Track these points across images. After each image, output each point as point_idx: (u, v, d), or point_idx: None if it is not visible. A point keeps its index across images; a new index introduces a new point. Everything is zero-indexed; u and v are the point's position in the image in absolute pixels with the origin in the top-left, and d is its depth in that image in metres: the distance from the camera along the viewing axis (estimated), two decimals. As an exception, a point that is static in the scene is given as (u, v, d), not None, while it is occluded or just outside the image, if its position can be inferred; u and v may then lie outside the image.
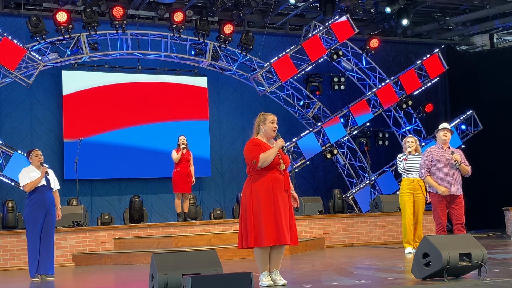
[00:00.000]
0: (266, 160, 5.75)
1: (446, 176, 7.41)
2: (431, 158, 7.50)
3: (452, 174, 7.41)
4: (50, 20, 12.47)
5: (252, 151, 5.79)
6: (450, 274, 5.62)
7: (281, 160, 5.83)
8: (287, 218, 5.75)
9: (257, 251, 5.76)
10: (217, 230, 10.89)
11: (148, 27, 14.01)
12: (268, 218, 5.67)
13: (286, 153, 5.92)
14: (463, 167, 7.43)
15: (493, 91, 15.85)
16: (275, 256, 5.80)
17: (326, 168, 15.61)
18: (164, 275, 4.99)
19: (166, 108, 14.17)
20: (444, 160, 7.43)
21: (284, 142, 5.90)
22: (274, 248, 5.79)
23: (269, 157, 5.75)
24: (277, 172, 5.83)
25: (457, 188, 7.45)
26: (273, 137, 5.91)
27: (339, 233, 11.79)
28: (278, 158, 5.83)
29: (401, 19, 14.65)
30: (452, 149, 7.56)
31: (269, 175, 5.79)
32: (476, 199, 15.90)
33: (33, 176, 7.88)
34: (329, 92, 15.70)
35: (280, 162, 5.82)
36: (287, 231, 5.69)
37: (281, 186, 5.81)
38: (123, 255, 9.69)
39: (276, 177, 5.81)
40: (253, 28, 14.95)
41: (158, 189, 14.09)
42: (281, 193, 5.79)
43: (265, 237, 5.64)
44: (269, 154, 5.77)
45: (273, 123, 5.91)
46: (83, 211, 10.80)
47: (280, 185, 5.81)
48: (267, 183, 5.76)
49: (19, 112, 13.25)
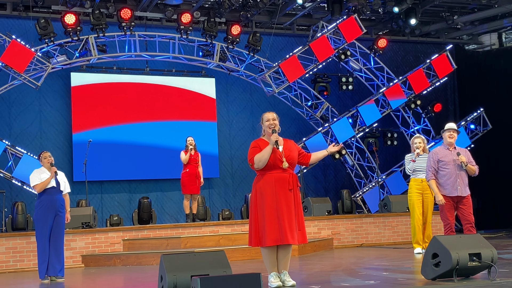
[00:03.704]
0: (260, 161, 5.75)
1: (452, 177, 7.38)
2: (437, 159, 7.46)
3: (459, 175, 7.37)
4: (58, 23, 12.53)
5: (250, 153, 5.83)
6: (459, 275, 5.60)
7: (284, 159, 5.75)
8: (291, 218, 5.68)
9: (263, 251, 5.77)
10: (226, 231, 10.90)
11: (156, 29, 14.04)
12: (270, 218, 5.67)
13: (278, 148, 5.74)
14: (469, 167, 7.39)
15: (502, 90, 15.78)
16: (282, 256, 5.78)
17: (337, 168, 15.58)
18: (173, 276, 5.00)
19: (174, 109, 14.21)
20: (450, 162, 7.40)
21: (278, 137, 5.77)
22: (280, 249, 5.76)
23: (262, 157, 5.74)
24: (280, 171, 5.76)
25: (463, 190, 7.41)
26: (271, 134, 5.85)
27: (347, 233, 11.77)
28: (278, 157, 5.74)
29: (409, 19, 14.61)
30: (459, 149, 7.51)
31: (272, 174, 5.76)
32: (486, 199, 15.83)
33: (43, 177, 7.93)
34: (337, 92, 15.68)
35: (283, 160, 5.74)
36: (289, 231, 5.62)
37: (285, 185, 5.73)
38: (132, 256, 9.72)
39: (279, 176, 5.76)
40: (261, 29, 14.95)
41: (168, 190, 14.11)
42: (284, 192, 5.73)
43: (267, 237, 5.64)
44: (262, 154, 5.75)
45: (269, 121, 5.88)
46: (92, 212, 10.85)
47: (283, 184, 5.74)
48: (270, 183, 5.74)
49: (29, 114, 13.32)
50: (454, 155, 7.39)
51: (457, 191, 7.35)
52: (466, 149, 7.67)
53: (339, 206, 13.59)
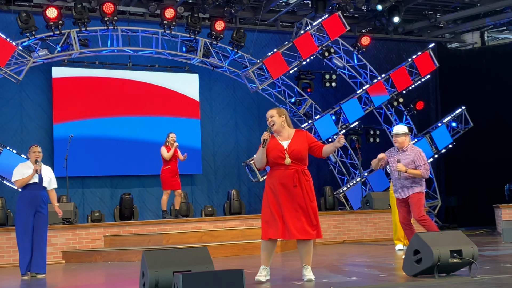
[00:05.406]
0: (257, 161, 5.92)
1: (394, 179, 7.57)
2: (386, 159, 7.55)
3: (397, 179, 7.44)
4: (40, 16, 12.38)
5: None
6: (441, 271, 5.64)
7: (287, 155, 5.77)
8: (295, 214, 5.72)
9: (261, 243, 5.90)
10: (208, 227, 10.87)
11: (139, 24, 13.93)
12: (269, 213, 5.79)
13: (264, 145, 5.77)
14: (411, 173, 7.35)
15: (484, 88, 15.91)
16: (300, 251, 5.88)
17: (320, 165, 15.61)
18: (155, 272, 4.97)
19: (157, 106, 14.16)
20: (393, 165, 7.49)
21: (267, 135, 5.80)
22: (299, 244, 5.86)
23: (257, 158, 5.90)
24: (282, 168, 5.80)
25: (400, 193, 7.46)
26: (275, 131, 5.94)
27: (330, 230, 11.80)
28: (279, 154, 5.78)
29: (393, 17, 14.67)
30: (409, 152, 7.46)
31: (276, 171, 5.84)
32: (466, 197, 15.98)
33: (26, 172, 7.83)
34: (320, 89, 15.70)
35: (285, 157, 5.76)
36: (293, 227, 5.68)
37: (288, 182, 5.75)
38: (114, 253, 9.65)
39: (282, 174, 5.80)
40: (245, 25, 14.91)
41: (150, 186, 14.04)
42: (287, 189, 5.76)
43: (263, 231, 5.81)
44: (256, 155, 5.93)
45: (268, 119, 5.96)
46: (73, 208, 10.76)
47: (286, 181, 5.76)
48: (273, 180, 5.83)
49: (9, 109, 13.17)
50: (400, 157, 7.44)
51: (397, 194, 7.52)
52: (417, 151, 7.53)
53: (321, 202, 13.63)
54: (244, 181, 14.91)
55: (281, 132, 5.92)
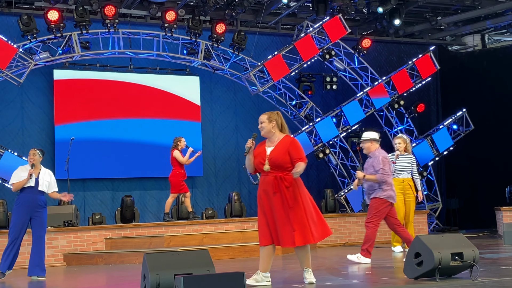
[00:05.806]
0: (247, 167, 5.96)
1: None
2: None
3: (365, 184, 7.79)
4: (41, 19, 12.40)
5: None
6: (442, 274, 5.64)
7: (267, 161, 5.70)
8: (277, 221, 5.69)
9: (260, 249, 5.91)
10: (209, 229, 10.87)
11: (140, 26, 13.95)
12: (260, 219, 5.88)
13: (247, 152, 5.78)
14: (367, 179, 7.65)
15: (485, 91, 15.92)
16: (297, 255, 5.89)
17: (320, 167, 15.60)
18: (156, 275, 4.97)
19: (158, 109, 14.17)
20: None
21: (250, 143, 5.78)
22: (295, 249, 5.85)
23: (246, 162, 5.91)
24: (264, 174, 5.80)
25: (368, 199, 7.85)
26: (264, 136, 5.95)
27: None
28: (260, 160, 5.75)
29: (393, 19, 14.67)
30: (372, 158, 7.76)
31: (261, 177, 5.89)
32: (467, 199, 15.97)
33: (22, 176, 7.82)
34: (321, 92, 15.71)
35: (264, 163, 5.71)
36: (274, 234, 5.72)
37: (268, 189, 5.73)
38: (115, 255, 9.65)
39: (263, 180, 5.82)
40: (246, 28, 14.93)
41: (152, 188, 14.04)
42: (267, 195, 5.75)
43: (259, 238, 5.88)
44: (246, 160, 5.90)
45: (259, 124, 5.97)
46: (75, 210, 10.76)
47: (267, 187, 5.75)
48: (260, 186, 5.87)
49: (11, 111, 13.18)
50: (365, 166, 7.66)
51: (367, 200, 7.83)
52: (378, 156, 7.70)
53: (322, 205, 13.62)
54: (245, 184, 14.91)
55: (271, 138, 5.89)
